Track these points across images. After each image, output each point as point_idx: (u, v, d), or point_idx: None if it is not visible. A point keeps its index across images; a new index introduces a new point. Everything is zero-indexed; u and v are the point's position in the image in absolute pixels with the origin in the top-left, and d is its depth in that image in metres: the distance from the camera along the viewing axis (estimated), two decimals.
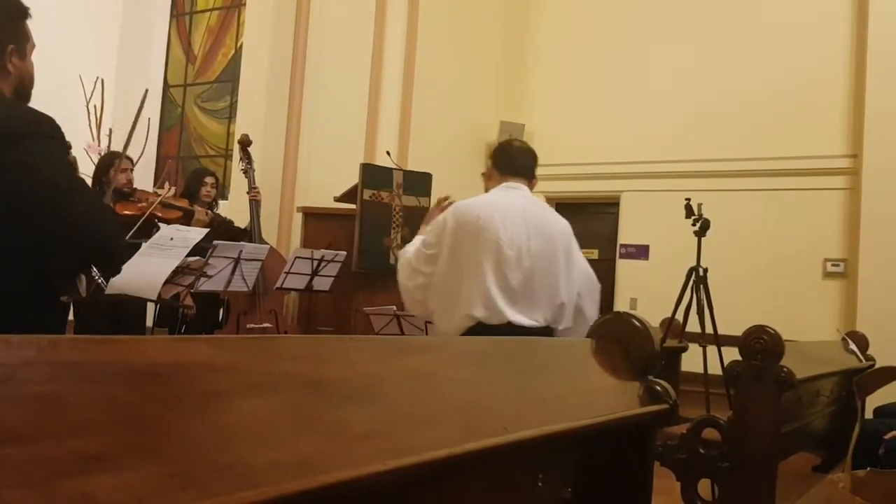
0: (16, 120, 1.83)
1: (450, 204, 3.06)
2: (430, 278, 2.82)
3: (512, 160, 2.98)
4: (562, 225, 2.95)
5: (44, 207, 1.79)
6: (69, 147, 2.14)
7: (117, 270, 2.15)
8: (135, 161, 5.35)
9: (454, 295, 2.74)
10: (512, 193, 2.88)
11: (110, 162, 4.58)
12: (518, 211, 2.81)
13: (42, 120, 1.84)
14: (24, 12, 1.94)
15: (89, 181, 5.51)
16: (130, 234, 3.95)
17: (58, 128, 1.87)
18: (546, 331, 2.79)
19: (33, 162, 1.79)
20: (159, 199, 4.55)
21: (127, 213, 4.52)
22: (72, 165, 2.09)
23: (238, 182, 6.35)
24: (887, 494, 1.96)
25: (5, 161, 1.76)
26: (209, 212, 5.20)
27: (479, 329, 2.68)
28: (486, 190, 3.00)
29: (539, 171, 3.11)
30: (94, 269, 2.28)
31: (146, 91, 4.25)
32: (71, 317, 4.17)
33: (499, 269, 2.71)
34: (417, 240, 3.00)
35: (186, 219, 4.79)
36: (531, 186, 2.97)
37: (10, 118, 1.83)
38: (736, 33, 7.27)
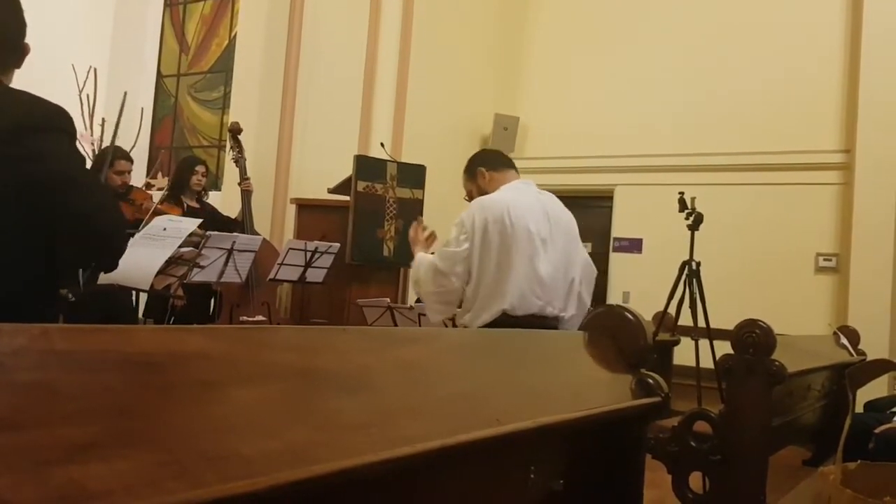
0: (33, 112, 1.83)
1: (426, 229, 3.14)
2: (458, 280, 2.80)
3: (498, 157, 3.06)
4: (569, 215, 3.00)
5: (55, 199, 1.79)
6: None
7: (116, 265, 2.15)
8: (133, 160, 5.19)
9: (488, 289, 2.76)
10: (528, 187, 2.93)
11: (106, 158, 4.47)
12: (538, 204, 2.86)
13: (59, 113, 1.85)
14: (24, 30, 1.93)
15: None
16: (139, 232, 3.90)
17: (72, 122, 1.88)
18: (556, 319, 2.84)
19: (47, 154, 1.80)
20: (154, 206, 4.46)
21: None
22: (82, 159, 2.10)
23: (231, 172, 6.33)
24: (878, 486, 1.97)
25: (21, 153, 1.75)
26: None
27: (502, 320, 2.71)
28: (480, 194, 2.94)
29: (533, 164, 3.15)
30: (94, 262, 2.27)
31: (125, 94, 4.21)
32: None
33: (530, 262, 2.75)
34: (423, 256, 2.98)
35: None
36: None
37: (28, 111, 1.83)
38: (730, 28, 7.27)
